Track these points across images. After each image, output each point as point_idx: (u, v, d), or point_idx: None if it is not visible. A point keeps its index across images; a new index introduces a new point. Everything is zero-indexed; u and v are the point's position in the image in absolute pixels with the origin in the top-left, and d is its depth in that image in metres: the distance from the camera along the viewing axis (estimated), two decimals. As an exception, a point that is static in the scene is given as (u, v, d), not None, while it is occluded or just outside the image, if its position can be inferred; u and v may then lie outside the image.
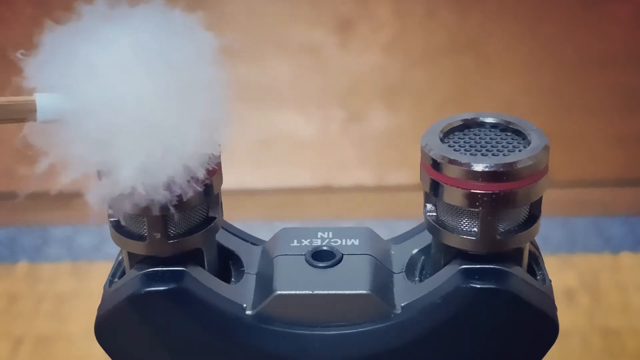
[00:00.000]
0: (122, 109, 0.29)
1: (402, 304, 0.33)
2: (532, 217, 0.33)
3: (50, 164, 0.29)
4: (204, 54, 0.30)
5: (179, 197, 0.31)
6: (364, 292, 0.33)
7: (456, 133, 0.34)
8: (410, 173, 0.77)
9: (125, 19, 0.30)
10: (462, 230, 0.33)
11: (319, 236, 0.35)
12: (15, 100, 0.29)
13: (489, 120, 0.34)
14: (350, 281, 0.33)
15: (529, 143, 0.32)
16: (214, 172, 0.32)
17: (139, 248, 0.33)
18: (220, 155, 0.33)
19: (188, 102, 0.30)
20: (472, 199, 0.31)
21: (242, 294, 0.34)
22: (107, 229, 0.34)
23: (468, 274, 0.32)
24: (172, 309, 0.33)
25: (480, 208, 0.31)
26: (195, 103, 0.30)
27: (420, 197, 0.34)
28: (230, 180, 0.35)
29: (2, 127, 0.30)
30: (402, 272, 0.35)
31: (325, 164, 0.80)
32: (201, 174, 0.30)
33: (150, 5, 0.31)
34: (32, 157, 0.29)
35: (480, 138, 0.33)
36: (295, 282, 0.33)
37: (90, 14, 0.30)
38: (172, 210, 0.31)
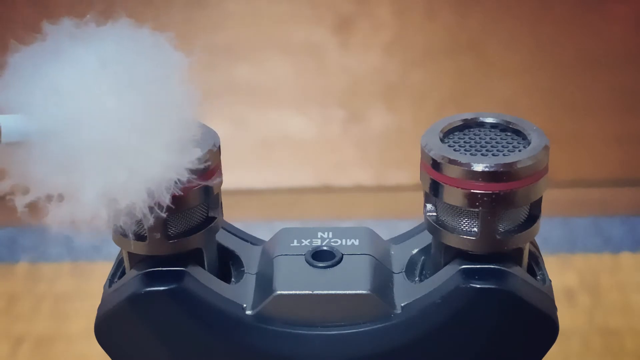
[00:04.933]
0: (87, 130, 0.28)
1: (402, 304, 0.33)
2: (532, 217, 0.33)
3: (13, 185, 0.29)
4: (172, 74, 0.29)
5: (140, 222, 0.30)
6: (364, 292, 0.33)
7: (456, 133, 0.34)
8: (410, 173, 0.77)
9: (92, 38, 0.29)
10: (462, 230, 0.33)
11: (319, 236, 0.35)
12: None
13: (489, 120, 0.34)
14: (350, 281, 0.33)
15: (529, 143, 0.32)
16: (213, 172, 0.32)
17: (139, 248, 0.33)
18: (219, 155, 0.33)
19: (154, 124, 0.29)
20: (472, 199, 0.31)
21: (242, 294, 0.34)
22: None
23: (468, 274, 0.32)
24: (172, 309, 0.33)
25: (480, 208, 0.31)
26: (162, 125, 0.29)
27: (420, 197, 0.34)
28: (230, 180, 0.35)
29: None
30: (402, 272, 0.35)
31: (325, 164, 0.80)
32: (166, 199, 0.29)
33: (118, 24, 0.30)
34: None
35: (480, 138, 0.33)
36: (295, 282, 0.33)
37: (56, 34, 0.29)
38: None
